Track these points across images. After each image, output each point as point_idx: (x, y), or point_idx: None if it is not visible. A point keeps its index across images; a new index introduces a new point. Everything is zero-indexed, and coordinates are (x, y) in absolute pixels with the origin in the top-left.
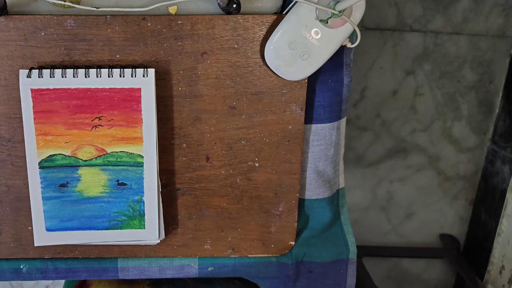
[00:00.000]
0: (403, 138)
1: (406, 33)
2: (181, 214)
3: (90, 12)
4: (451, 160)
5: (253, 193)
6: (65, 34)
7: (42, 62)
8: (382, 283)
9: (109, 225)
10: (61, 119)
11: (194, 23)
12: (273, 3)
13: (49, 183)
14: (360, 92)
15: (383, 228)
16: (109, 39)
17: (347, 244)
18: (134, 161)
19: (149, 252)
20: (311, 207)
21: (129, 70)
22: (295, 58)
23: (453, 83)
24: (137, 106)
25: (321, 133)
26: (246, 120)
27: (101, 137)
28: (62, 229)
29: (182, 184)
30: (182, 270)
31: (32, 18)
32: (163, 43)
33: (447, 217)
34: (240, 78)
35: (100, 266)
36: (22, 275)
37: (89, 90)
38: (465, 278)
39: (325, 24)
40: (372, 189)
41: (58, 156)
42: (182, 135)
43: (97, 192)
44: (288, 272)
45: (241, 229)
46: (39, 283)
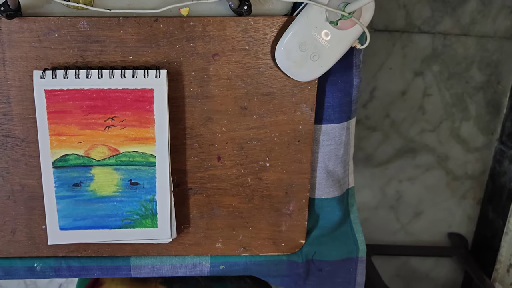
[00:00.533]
0: (412, 138)
1: (414, 35)
2: (193, 213)
3: (103, 13)
4: (459, 160)
5: (264, 193)
6: (78, 35)
7: (56, 63)
8: (391, 281)
9: (122, 224)
10: (74, 119)
11: (206, 25)
12: (284, 5)
13: (62, 182)
14: (370, 93)
15: (392, 227)
16: (122, 40)
17: (357, 243)
18: (146, 161)
19: (161, 250)
20: (321, 206)
21: (142, 71)
22: (305, 59)
23: (461, 84)
24: (149, 107)
25: (331, 133)
26: (257, 120)
27: (114, 137)
28: (75, 228)
29: (194, 184)
30: (194, 268)
31: (46, 19)
32: (175, 45)
33: (455, 216)
34: (251, 79)
35: (113, 264)
36: (36, 273)
37: (102, 90)
38: (473, 276)
39: (335, 25)
40: (381, 188)
41: (72, 156)
42: (194, 135)
43: (110, 191)
44: (298, 270)
45: (252, 228)
46: (53, 281)
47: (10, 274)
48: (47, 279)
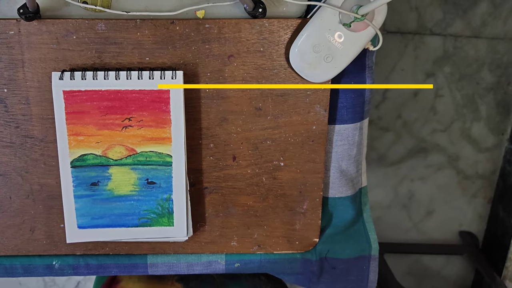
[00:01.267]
0: (423, 138)
1: (426, 37)
2: (209, 212)
3: (120, 16)
4: (470, 160)
5: (278, 192)
6: (96, 37)
7: (74, 64)
8: (403, 278)
9: (139, 223)
10: (92, 119)
11: (221, 27)
12: (298, 7)
13: (80, 182)
14: (382, 94)
15: (404, 225)
16: (139, 42)
17: (370, 241)
18: (163, 161)
19: (177, 248)
20: (335, 205)
21: (158, 73)
22: (319, 60)
23: (472, 85)
24: (166, 107)
25: (344, 134)
26: (272, 121)
27: (131, 137)
28: (93, 227)
29: (209, 183)
30: (209, 266)
31: (64, 22)
32: (191, 46)
33: (466, 214)
34: (266, 80)
35: (130, 262)
36: (55, 271)
37: (120, 91)
38: (483, 274)
39: (348, 27)
40: (394, 187)
41: (90, 155)
42: (209, 135)
43: (127, 190)
44: (312, 268)
45: (266, 226)
46: (71, 278)
47: (29, 272)
48: (65, 276)
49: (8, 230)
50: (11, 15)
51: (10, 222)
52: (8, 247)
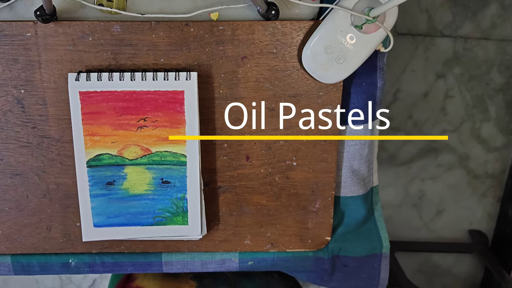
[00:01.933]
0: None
1: (436, 38)
2: (222, 210)
3: (135, 18)
4: (480, 159)
5: (291, 191)
6: (111, 39)
7: (90, 66)
8: (414, 276)
9: (154, 221)
10: (108, 120)
11: (235, 29)
12: (310, 9)
13: (96, 181)
14: (393, 95)
15: (415, 224)
16: (154, 44)
17: (381, 240)
18: (177, 160)
19: (192, 247)
20: (346, 204)
21: (173, 74)
22: (331, 62)
23: (481, 86)
24: (180, 108)
25: (356, 133)
26: (284, 120)
27: (146, 137)
28: (109, 225)
29: (223, 182)
30: (223, 264)
31: (80, 24)
32: (205, 48)
33: (476, 213)
34: (279, 81)
35: (145, 260)
36: (71, 269)
37: (135, 92)
38: (493, 272)
39: (360, 29)
40: (405, 187)
41: (105, 155)
42: (223, 135)
43: (142, 190)
44: (324, 266)
45: (279, 225)
46: (87, 276)
47: (46, 270)
48: (81, 274)
49: (25, 228)
50: (28, 17)
51: (27, 220)
52: (25, 245)
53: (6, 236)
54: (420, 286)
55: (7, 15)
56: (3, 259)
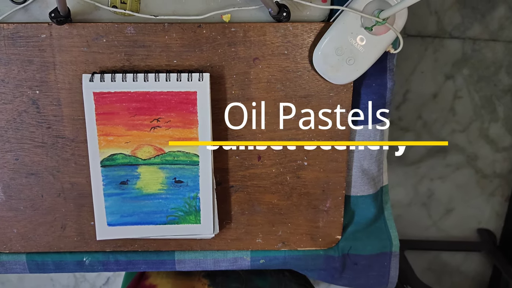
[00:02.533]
0: (443, 138)
1: (445, 40)
2: (234, 210)
3: (149, 20)
4: (488, 159)
5: (302, 190)
6: (125, 40)
7: (104, 67)
8: (423, 274)
9: (167, 220)
10: (121, 120)
11: (247, 30)
12: (321, 11)
13: (110, 180)
14: (403, 95)
15: (424, 223)
16: (167, 45)
17: (390, 238)
18: (190, 160)
19: (204, 245)
20: (357, 203)
21: (186, 75)
22: (341, 63)
23: (490, 86)
24: (193, 109)
25: (366, 134)
26: (295, 121)
27: (159, 137)
28: (122, 224)
29: (235, 182)
30: (235, 263)
31: (94, 25)
32: (217, 49)
33: (484, 212)
34: (290, 82)
35: (158, 258)
36: (85, 267)
37: (148, 93)
38: (501, 270)
39: (370, 31)
40: (414, 186)
41: (119, 155)
42: (235, 135)
43: (156, 189)
44: (334, 264)
45: (290, 224)
46: (101, 274)
47: (61, 268)
48: (95, 272)
49: (40, 227)
50: (43, 19)
51: (42, 219)
52: (40, 244)
53: (21, 235)
54: (429, 284)
55: (22, 17)
56: (19, 257)
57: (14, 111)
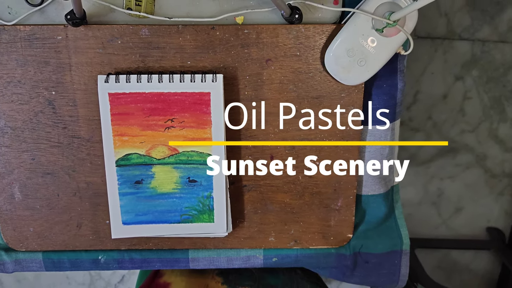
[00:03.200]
0: (452, 138)
1: (455, 41)
2: (247, 209)
3: (163, 22)
4: (497, 159)
5: (314, 190)
6: (140, 42)
7: (119, 68)
8: (433, 272)
9: (181, 219)
10: (136, 121)
11: (260, 32)
12: (332, 13)
13: (125, 180)
14: (413, 96)
15: (434, 221)
16: (181, 47)
17: (401, 237)
18: (204, 160)
19: (217, 244)
20: (368, 202)
21: (199, 76)
22: (353, 64)
23: (499, 87)
24: (206, 109)
25: (377, 134)
26: (307, 121)
27: (173, 137)
28: (137, 223)
29: (248, 181)
30: (248, 261)
31: (109, 27)
32: (230, 51)
33: (494, 211)
34: (302, 83)
35: (173, 257)
36: (101, 265)
37: (162, 94)
38: (510, 268)
39: (381, 33)
40: (424, 185)
41: (134, 155)
42: (248, 135)
43: (170, 188)
44: (346, 262)
45: (302, 222)
46: (116, 272)
47: (76, 266)
48: (110, 270)
49: (56, 226)
50: (59, 21)
51: (58, 218)
52: (56, 242)
53: (38, 233)
54: (439, 282)
55: (38, 19)
56: (35, 255)
57: (30, 112)
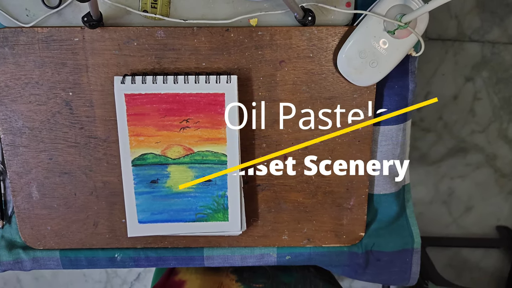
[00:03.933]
0: (463, 138)
1: (465, 43)
2: (261, 207)
3: (178, 24)
4: (507, 159)
5: (326, 189)
6: (155, 44)
7: (135, 69)
8: (444, 270)
9: (196, 218)
10: (152, 121)
11: (273, 34)
12: (345, 15)
13: (141, 179)
14: (424, 97)
15: (444, 220)
16: (196, 48)
17: (412, 235)
18: (218, 160)
19: (232, 242)
20: (379, 201)
21: (214, 77)
22: (365, 66)
23: (508, 88)
24: (221, 110)
25: (389, 134)
26: (319, 122)
27: (189, 137)
28: (153, 222)
29: (262, 181)
30: (262, 259)
31: (125, 29)
32: (244, 52)
33: (503, 210)
34: (315, 84)
35: (188, 255)
36: (117, 263)
37: (178, 95)
38: None
39: (392, 35)
40: (435, 185)
41: (150, 155)
42: (262, 136)
43: (185, 187)
44: (358, 260)
45: (315, 221)
46: (132, 270)
47: (93, 264)
48: (126, 268)
49: (73, 224)
50: (76, 23)
51: (75, 217)
52: (73, 241)
53: (55, 232)
54: (450, 280)
55: (56, 21)
56: (52, 253)
57: (48, 112)
